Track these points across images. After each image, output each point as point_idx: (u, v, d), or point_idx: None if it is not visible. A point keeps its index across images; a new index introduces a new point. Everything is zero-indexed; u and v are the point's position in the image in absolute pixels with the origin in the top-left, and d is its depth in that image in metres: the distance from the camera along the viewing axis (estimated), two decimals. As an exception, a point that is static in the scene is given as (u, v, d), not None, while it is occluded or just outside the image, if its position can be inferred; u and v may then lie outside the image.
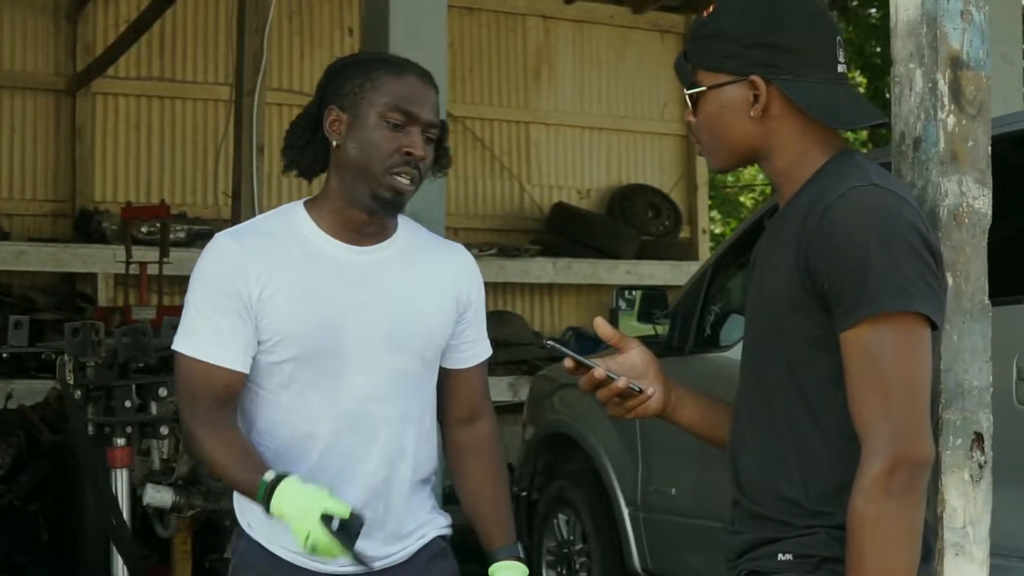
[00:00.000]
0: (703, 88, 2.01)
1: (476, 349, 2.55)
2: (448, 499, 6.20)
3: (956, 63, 2.04)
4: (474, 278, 2.55)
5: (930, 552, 1.97)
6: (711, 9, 2.04)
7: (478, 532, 2.55)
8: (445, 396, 2.53)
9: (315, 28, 10.85)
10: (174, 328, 4.09)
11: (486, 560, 2.50)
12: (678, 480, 5.15)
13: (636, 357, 2.16)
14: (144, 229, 9.23)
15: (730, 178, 18.28)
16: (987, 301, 2.06)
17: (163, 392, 3.86)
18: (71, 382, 3.67)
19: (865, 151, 5.65)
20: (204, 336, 2.35)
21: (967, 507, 2.03)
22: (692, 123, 2.07)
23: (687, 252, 11.50)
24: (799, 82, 1.96)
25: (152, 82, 10.47)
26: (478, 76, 11.49)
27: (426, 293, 2.46)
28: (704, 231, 12.25)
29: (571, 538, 5.67)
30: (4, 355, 3.71)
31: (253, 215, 5.93)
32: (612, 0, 11.82)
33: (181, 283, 9.97)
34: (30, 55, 10.29)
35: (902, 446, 1.81)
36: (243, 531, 2.43)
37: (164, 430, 3.88)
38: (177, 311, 7.00)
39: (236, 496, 2.42)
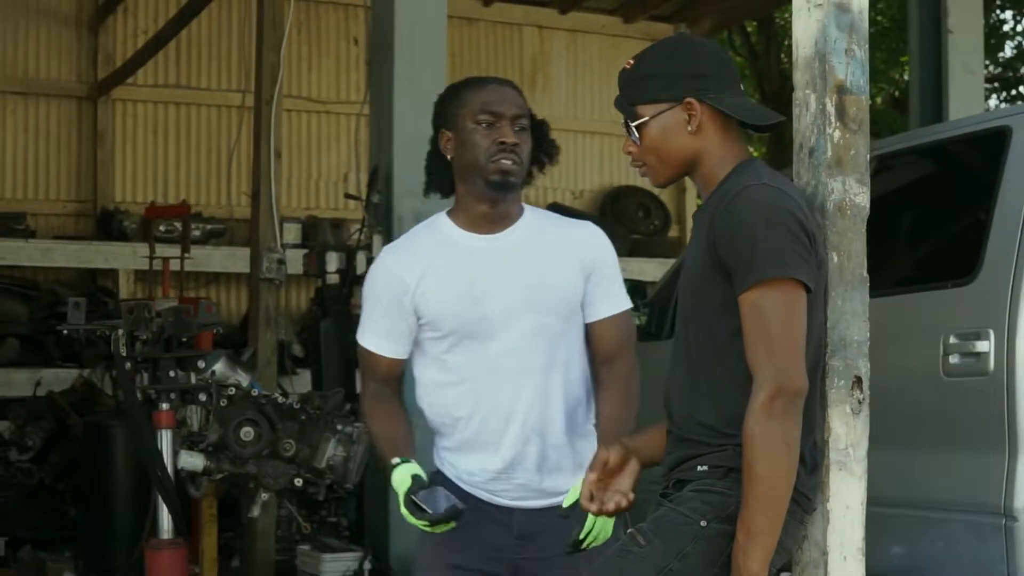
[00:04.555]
0: (646, 118, 2.49)
1: (607, 304, 2.95)
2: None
3: (841, 90, 2.47)
4: (597, 246, 2.97)
5: (817, 466, 2.42)
6: (632, 63, 2.54)
7: None
8: (590, 346, 2.96)
9: (323, 38, 10.95)
10: (208, 310, 4.64)
11: None
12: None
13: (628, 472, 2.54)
14: (162, 228, 9.35)
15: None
16: (865, 275, 2.49)
17: (201, 364, 4.38)
18: (124, 354, 4.18)
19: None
20: (370, 331, 2.91)
21: (848, 433, 2.44)
22: (634, 152, 2.53)
23: (675, 250, 11.33)
24: (722, 98, 2.47)
25: (169, 89, 10.59)
26: (477, 83, 11.72)
27: (554, 260, 2.91)
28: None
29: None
30: (65, 331, 4.23)
31: (271, 213, 6.27)
32: (604, 11, 11.86)
33: (197, 278, 10.01)
34: (54, 64, 10.41)
35: (781, 379, 2.27)
36: (438, 468, 2.94)
37: (202, 396, 4.39)
38: (194, 303, 7.24)
39: (435, 445, 2.95)
